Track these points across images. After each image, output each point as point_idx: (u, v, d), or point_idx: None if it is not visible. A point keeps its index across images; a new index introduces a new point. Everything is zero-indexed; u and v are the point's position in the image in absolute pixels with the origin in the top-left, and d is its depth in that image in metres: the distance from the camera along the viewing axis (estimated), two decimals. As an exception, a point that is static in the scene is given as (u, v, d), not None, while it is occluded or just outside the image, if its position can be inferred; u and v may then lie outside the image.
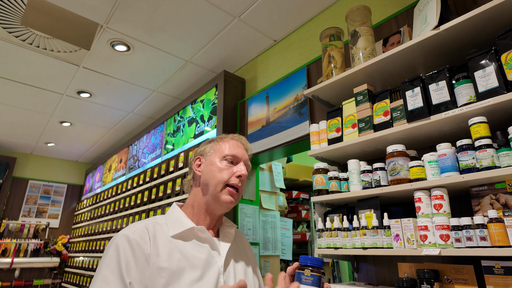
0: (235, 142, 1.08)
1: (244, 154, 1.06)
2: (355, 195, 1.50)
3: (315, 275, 0.76)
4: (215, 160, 1.00)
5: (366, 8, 1.81)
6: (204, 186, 0.99)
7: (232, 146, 1.04)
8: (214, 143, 1.07)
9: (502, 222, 1.05)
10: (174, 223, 0.94)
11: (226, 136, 1.10)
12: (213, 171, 0.98)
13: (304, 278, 0.76)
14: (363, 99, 1.60)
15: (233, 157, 1.02)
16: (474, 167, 1.15)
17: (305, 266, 0.78)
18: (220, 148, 1.03)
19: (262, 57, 3.07)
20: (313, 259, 0.79)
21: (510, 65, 1.14)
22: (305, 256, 0.80)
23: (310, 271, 0.76)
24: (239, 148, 1.06)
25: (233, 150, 1.02)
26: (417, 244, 1.23)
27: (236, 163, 1.03)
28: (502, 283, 1.06)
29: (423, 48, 1.48)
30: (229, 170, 0.99)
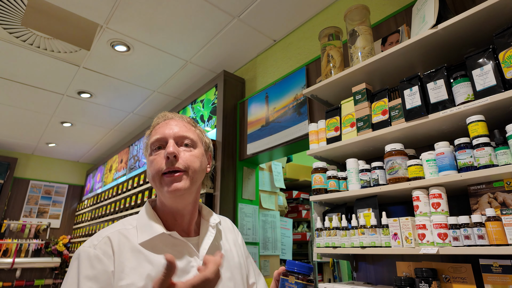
0: (160, 123, 0.89)
1: (171, 128, 0.85)
2: (353, 194, 1.50)
3: (300, 283, 0.68)
4: (147, 155, 0.87)
5: (364, 7, 1.81)
6: None
7: (156, 130, 0.87)
8: (146, 136, 0.92)
9: (500, 221, 1.04)
10: (144, 227, 0.80)
11: (154, 120, 0.93)
12: (148, 169, 0.85)
13: (288, 286, 0.69)
14: (362, 98, 1.60)
15: (158, 141, 0.84)
16: (472, 165, 1.15)
17: (291, 272, 0.72)
18: (149, 140, 0.88)
19: (262, 57, 3.08)
20: (300, 265, 0.71)
21: (507, 64, 1.14)
22: (292, 261, 0.73)
23: (294, 278, 0.69)
24: (164, 126, 0.86)
25: (156, 134, 0.85)
26: (415, 243, 1.23)
27: (165, 145, 0.83)
28: (500, 282, 1.06)
29: (421, 47, 1.48)
30: (158, 158, 0.82)
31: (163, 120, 0.90)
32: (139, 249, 0.76)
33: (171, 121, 0.88)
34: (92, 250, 0.73)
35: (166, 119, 0.90)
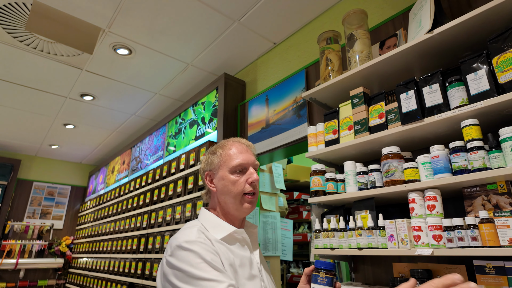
0: (238, 147, 1.10)
1: (250, 157, 1.09)
2: (351, 196, 1.53)
3: (328, 277, 0.89)
4: (226, 174, 1.05)
5: (362, 11, 1.84)
6: (223, 200, 1.05)
7: (236, 155, 1.07)
8: (218, 155, 1.09)
9: (493, 223, 1.07)
10: (216, 227, 1.01)
11: (227, 143, 1.12)
12: (226, 186, 1.04)
13: (320, 279, 0.89)
14: (359, 101, 1.62)
15: (240, 166, 1.05)
16: (466, 168, 1.17)
17: (320, 269, 0.91)
18: (226, 160, 1.07)
19: (262, 60, 3.11)
20: (327, 264, 0.91)
21: (501, 68, 1.16)
22: (319, 261, 0.92)
23: (324, 273, 0.89)
24: (244, 153, 1.08)
25: (239, 159, 1.06)
26: (410, 245, 1.25)
27: (246, 170, 1.07)
28: (493, 283, 1.08)
29: (418, 51, 1.50)
30: (241, 180, 1.04)
31: (238, 144, 1.12)
32: (221, 242, 0.97)
33: (247, 148, 1.12)
34: (196, 239, 0.91)
35: (240, 144, 1.12)
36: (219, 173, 1.06)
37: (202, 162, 1.14)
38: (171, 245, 0.92)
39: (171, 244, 0.92)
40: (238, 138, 1.16)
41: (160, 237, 2.96)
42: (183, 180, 2.87)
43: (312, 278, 0.91)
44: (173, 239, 0.93)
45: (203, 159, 1.15)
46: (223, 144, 1.13)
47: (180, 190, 2.87)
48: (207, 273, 0.82)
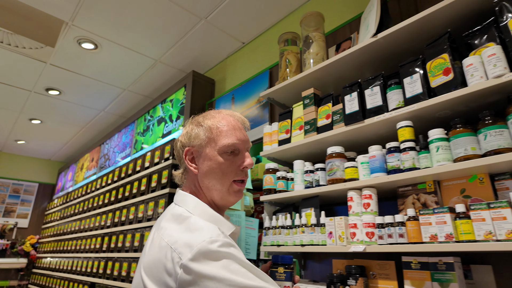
0: (231, 122, 0.88)
1: (245, 137, 0.89)
2: (298, 194, 1.56)
3: (287, 271, 0.84)
4: (214, 154, 0.84)
5: (319, 14, 1.88)
6: (205, 185, 0.85)
7: (230, 132, 0.86)
8: (205, 128, 0.87)
9: (417, 220, 1.11)
10: (221, 222, 0.81)
11: (218, 115, 0.90)
12: (213, 169, 0.84)
13: (278, 275, 0.84)
14: (310, 102, 1.66)
15: (233, 146, 0.85)
16: (399, 168, 1.22)
17: (278, 264, 0.86)
18: (216, 136, 0.85)
19: (232, 59, 3.11)
20: (285, 258, 0.87)
21: (433, 73, 1.22)
22: (276, 256, 0.88)
23: (283, 268, 0.84)
24: (238, 131, 0.88)
25: (233, 138, 0.85)
26: (347, 241, 1.29)
27: (238, 152, 0.87)
28: (417, 277, 1.13)
29: (366, 54, 1.55)
30: (233, 164, 0.85)
31: (233, 117, 0.91)
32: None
33: (241, 125, 0.91)
34: (227, 240, 0.71)
35: (234, 119, 0.91)
36: (205, 152, 0.85)
37: (182, 135, 0.91)
38: (188, 247, 0.67)
39: (187, 246, 0.67)
40: (231, 111, 0.94)
41: (123, 236, 2.91)
42: (147, 178, 2.83)
43: (270, 275, 0.85)
44: (184, 238, 0.70)
45: (183, 131, 0.92)
46: (212, 115, 0.90)
47: (144, 188, 2.83)
48: (253, 281, 0.66)
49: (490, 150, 1.01)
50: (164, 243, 0.71)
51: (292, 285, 0.83)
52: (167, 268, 0.67)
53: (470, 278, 1.17)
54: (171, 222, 0.78)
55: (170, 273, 0.66)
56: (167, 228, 0.76)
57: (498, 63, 1.04)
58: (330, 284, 1.28)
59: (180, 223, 0.76)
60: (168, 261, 0.67)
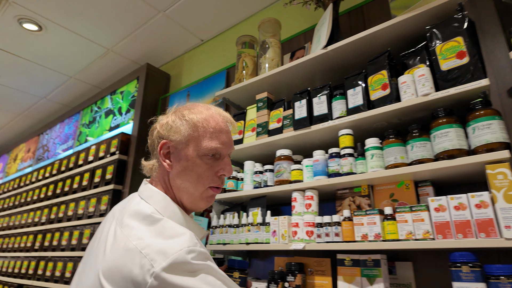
0: (220, 123, 0.81)
1: (231, 142, 0.83)
2: (247, 194, 1.60)
3: (242, 276, 0.84)
4: (193, 156, 0.77)
5: (276, 21, 1.95)
6: (177, 185, 0.78)
7: (217, 134, 0.79)
8: (189, 124, 0.78)
9: (351, 221, 1.22)
10: (192, 227, 0.75)
11: (206, 111, 0.81)
12: (189, 171, 0.77)
13: (233, 280, 0.82)
14: (263, 105, 1.71)
15: (217, 151, 0.79)
16: (338, 172, 1.32)
17: (234, 269, 0.85)
18: (200, 136, 0.78)
19: (189, 55, 3.07)
20: (241, 262, 0.86)
21: (373, 87, 1.33)
22: (233, 260, 0.87)
23: (238, 273, 0.84)
24: (225, 134, 0.81)
25: (218, 142, 0.79)
26: (289, 240, 1.36)
27: (220, 157, 0.81)
28: (349, 273, 1.23)
29: (317, 64, 1.64)
30: (211, 169, 0.79)
31: (221, 120, 0.83)
32: None
33: (228, 129, 0.85)
34: (202, 249, 0.66)
35: (223, 120, 0.84)
36: (184, 150, 0.78)
37: (160, 125, 0.82)
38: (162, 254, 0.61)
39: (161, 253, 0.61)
40: (220, 109, 0.86)
41: (59, 233, 2.71)
42: (90, 173, 2.67)
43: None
44: (157, 244, 0.63)
45: (162, 121, 0.83)
46: (200, 110, 0.81)
47: (86, 183, 2.67)
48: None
49: (415, 160, 1.14)
50: (131, 246, 0.63)
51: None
52: (134, 275, 0.59)
53: (394, 274, 1.31)
54: (138, 221, 0.69)
55: (137, 281, 0.59)
56: (133, 227, 0.67)
57: (426, 83, 1.18)
58: (271, 280, 1.33)
59: (150, 225, 0.68)
60: (136, 267, 0.60)
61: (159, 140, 0.80)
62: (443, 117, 1.11)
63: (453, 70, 1.13)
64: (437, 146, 1.10)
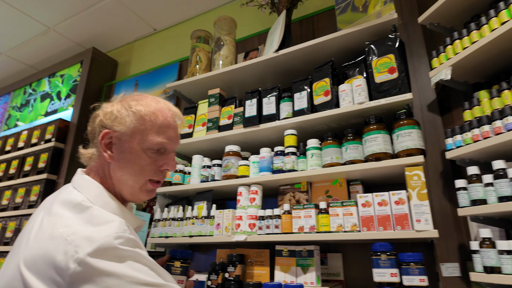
0: (168, 118, 0.80)
1: (177, 137, 0.83)
2: (193, 187, 1.61)
3: (184, 266, 0.85)
4: (137, 149, 0.76)
5: (232, 20, 1.99)
6: (117, 176, 0.77)
7: (163, 129, 0.78)
8: (135, 116, 0.76)
9: (290, 214, 1.31)
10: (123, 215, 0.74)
11: (154, 103, 0.79)
12: (131, 164, 0.76)
13: (174, 269, 0.84)
14: (215, 101, 1.74)
15: (162, 146, 0.78)
16: (282, 169, 1.41)
17: (175, 258, 0.86)
18: (146, 129, 0.76)
19: (140, 43, 2.96)
20: (184, 252, 0.88)
21: (317, 93, 1.45)
22: (175, 250, 0.88)
23: (180, 263, 0.85)
24: (172, 130, 0.80)
25: (165, 137, 0.78)
26: (232, 232, 1.41)
27: (164, 152, 0.80)
28: (286, 263, 1.32)
29: (269, 67, 1.72)
30: (154, 163, 0.78)
31: (170, 114, 0.81)
32: None
33: (176, 125, 0.83)
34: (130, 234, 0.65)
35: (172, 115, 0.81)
36: (127, 142, 0.76)
37: (103, 113, 0.79)
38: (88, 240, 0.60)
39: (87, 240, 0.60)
40: (169, 103, 0.84)
41: (-23, 226, 2.42)
42: (19, 160, 2.43)
43: (166, 268, 0.84)
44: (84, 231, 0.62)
45: (106, 109, 0.80)
46: (148, 102, 0.79)
47: (13, 172, 2.42)
48: (154, 279, 0.63)
49: (348, 160, 1.27)
50: (57, 233, 0.61)
51: (186, 279, 0.85)
52: (56, 261, 0.57)
53: (326, 264, 1.44)
54: (67, 209, 0.67)
55: (60, 267, 0.57)
56: (62, 216, 0.66)
57: (362, 92, 1.32)
58: (211, 271, 1.37)
59: (79, 213, 0.66)
60: (59, 253, 0.58)
61: (101, 129, 0.77)
62: (374, 124, 1.26)
63: (384, 83, 1.28)
64: (367, 149, 1.24)
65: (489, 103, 1.15)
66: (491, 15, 1.12)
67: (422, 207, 1.09)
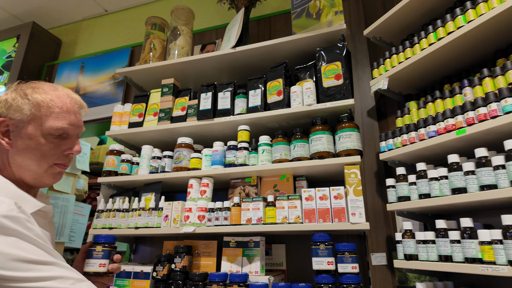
0: (66, 103, 0.81)
1: (79, 122, 0.83)
2: (141, 178, 1.58)
3: (106, 249, 0.87)
4: (36, 135, 0.76)
5: (190, 11, 1.97)
6: (18, 162, 0.77)
7: (62, 114, 0.79)
8: (32, 102, 0.77)
9: (240, 206, 1.36)
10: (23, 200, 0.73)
11: (51, 90, 0.81)
12: (32, 150, 0.76)
13: (95, 254, 0.86)
14: (168, 91, 1.71)
15: (63, 131, 0.79)
16: (234, 163, 1.45)
17: (98, 243, 0.87)
18: (43, 115, 0.77)
19: (88, 23, 2.76)
20: (106, 236, 0.89)
21: (270, 92, 1.51)
22: (98, 235, 0.90)
23: (102, 247, 0.87)
24: (72, 115, 0.81)
25: (64, 122, 0.79)
26: (180, 224, 1.42)
27: (67, 137, 0.81)
28: (232, 254, 1.37)
29: (226, 62, 1.74)
30: (57, 148, 0.79)
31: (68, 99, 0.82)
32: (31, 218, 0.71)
33: (78, 109, 0.84)
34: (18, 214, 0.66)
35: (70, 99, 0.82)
36: (26, 129, 0.76)
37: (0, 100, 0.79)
38: None
39: None
40: (70, 91, 0.86)
41: None
42: None
43: (88, 253, 0.86)
44: None
45: (1, 96, 0.80)
46: (45, 90, 0.80)
47: None
48: (39, 256, 0.64)
49: (295, 157, 1.36)
50: None
51: (109, 263, 0.87)
52: None
53: (270, 255, 1.52)
54: None
55: None
56: None
57: (311, 95, 1.41)
58: (157, 262, 1.37)
59: None
60: None
61: None
62: (320, 125, 1.36)
63: (331, 88, 1.39)
64: (313, 148, 1.34)
65: (416, 112, 1.32)
66: (422, 36, 1.29)
67: (357, 202, 1.22)
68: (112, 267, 0.87)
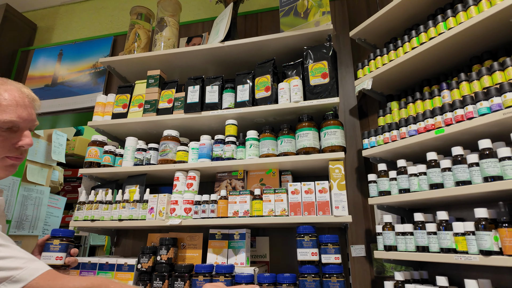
0: (16, 97, 0.82)
1: (30, 115, 0.84)
2: (125, 170, 1.55)
3: (63, 243, 0.89)
4: None
5: (177, 2, 1.94)
6: None
7: (11, 108, 0.80)
8: None
9: (227, 199, 1.38)
10: None
11: (1, 85, 0.83)
12: None
13: (52, 247, 0.88)
14: (154, 83, 1.69)
15: (12, 124, 0.80)
16: (221, 157, 1.46)
17: (55, 237, 0.89)
18: None
19: (67, 9, 2.65)
20: (64, 231, 0.91)
21: (258, 87, 1.53)
22: (56, 229, 0.92)
23: (59, 240, 0.88)
24: (22, 108, 0.82)
25: (13, 115, 0.80)
26: (166, 216, 1.41)
27: (17, 130, 0.82)
28: (218, 246, 1.39)
29: (213, 56, 1.73)
30: (6, 141, 0.80)
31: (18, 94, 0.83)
32: None
33: (30, 102, 0.85)
34: None
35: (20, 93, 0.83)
36: None
37: None
38: None
39: None
40: (22, 86, 0.87)
41: None
42: None
43: (45, 247, 0.88)
44: None
45: None
46: None
47: None
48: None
49: (282, 152, 1.39)
50: None
51: (66, 256, 0.89)
52: None
53: (254, 247, 1.55)
54: None
55: None
56: None
57: (298, 92, 1.45)
58: (142, 255, 1.36)
59: None
60: None
61: None
62: (306, 121, 1.40)
63: (317, 86, 1.43)
64: (299, 144, 1.38)
65: (398, 112, 1.39)
66: (405, 40, 1.35)
67: (341, 195, 1.27)
68: (69, 260, 0.90)
